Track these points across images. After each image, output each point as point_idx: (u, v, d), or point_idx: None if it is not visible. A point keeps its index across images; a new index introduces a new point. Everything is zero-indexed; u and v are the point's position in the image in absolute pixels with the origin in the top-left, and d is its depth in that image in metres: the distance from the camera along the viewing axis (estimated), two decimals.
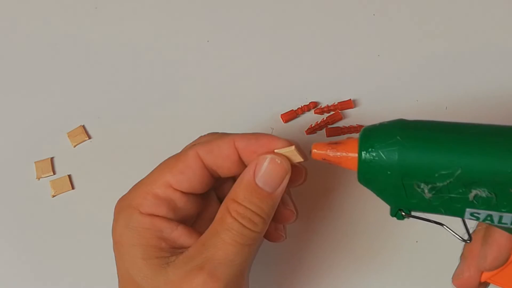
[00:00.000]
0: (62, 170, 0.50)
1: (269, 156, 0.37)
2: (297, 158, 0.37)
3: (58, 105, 0.52)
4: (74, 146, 0.50)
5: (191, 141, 0.45)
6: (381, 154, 0.33)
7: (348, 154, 0.35)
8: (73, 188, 0.49)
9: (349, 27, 0.53)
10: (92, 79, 0.52)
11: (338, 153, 0.35)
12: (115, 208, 0.39)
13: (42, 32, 0.54)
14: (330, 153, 0.35)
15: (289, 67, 0.52)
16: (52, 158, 0.50)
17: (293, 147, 0.36)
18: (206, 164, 0.38)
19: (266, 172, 0.36)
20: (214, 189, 0.41)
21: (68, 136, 0.50)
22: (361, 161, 0.34)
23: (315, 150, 0.36)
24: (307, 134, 0.50)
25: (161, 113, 0.51)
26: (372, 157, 0.33)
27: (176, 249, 0.37)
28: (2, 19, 0.54)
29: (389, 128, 0.34)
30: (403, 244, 0.47)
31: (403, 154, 0.33)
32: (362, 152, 0.34)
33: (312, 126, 0.50)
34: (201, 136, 0.41)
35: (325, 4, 0.54)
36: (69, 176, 0.50)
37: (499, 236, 0.38)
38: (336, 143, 0.35)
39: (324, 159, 0.36)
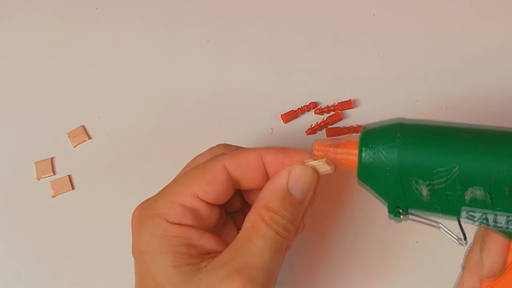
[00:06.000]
0: (62, 171, 0.50)
1: (301, 166, 0.37)
2: (325, 169, 0.38)
3: (58, 105, 0.52)
4: (74, 147, 0.50)
5: (190, 141, 0.45)
6: (381, 151, 0.34)
7: (348, 152, 0.36)
8: (73, 188, 0.49)
9: (349, 27, 0.53)
10: (92, 79, 0.52)
11: (339, 150, 0.36)
12: (135, 217, 0.39)
13: (42, 32, 0.54)
14: (331, 150, 0.36)
15: (289, 68, 0.52)
16: (52, 159, 0.50)
17: (324, 160, 0.37)
18: (232, 176, 0.38)
19: (299, 180, 0.37)
20: None
21: (68, 136, 0.50)
22: (361, 158, 0.35)
23: (317, 146, 0.37)
24: (307, 134, 0.50)
25: (161, 113, 0.51)
26: (372, 154, 0.34)
27: (205, 255, 0.37)
28: (2, 19, 0.54)
29: (389, 127, 0.35)
30: (403, 244, 0.47)
31: (403, 151, 0.34)
32: (363, 149, 0.35)
33: (312, 126, 0.50)
34: (213, 147, 0.42)
35: (325, 4, 0.54)
36: (69, 176, 0.50)
37: (493, 243, 0.39)
38: (337, 142, 0.36)
39: (325, 156, 0.36)
